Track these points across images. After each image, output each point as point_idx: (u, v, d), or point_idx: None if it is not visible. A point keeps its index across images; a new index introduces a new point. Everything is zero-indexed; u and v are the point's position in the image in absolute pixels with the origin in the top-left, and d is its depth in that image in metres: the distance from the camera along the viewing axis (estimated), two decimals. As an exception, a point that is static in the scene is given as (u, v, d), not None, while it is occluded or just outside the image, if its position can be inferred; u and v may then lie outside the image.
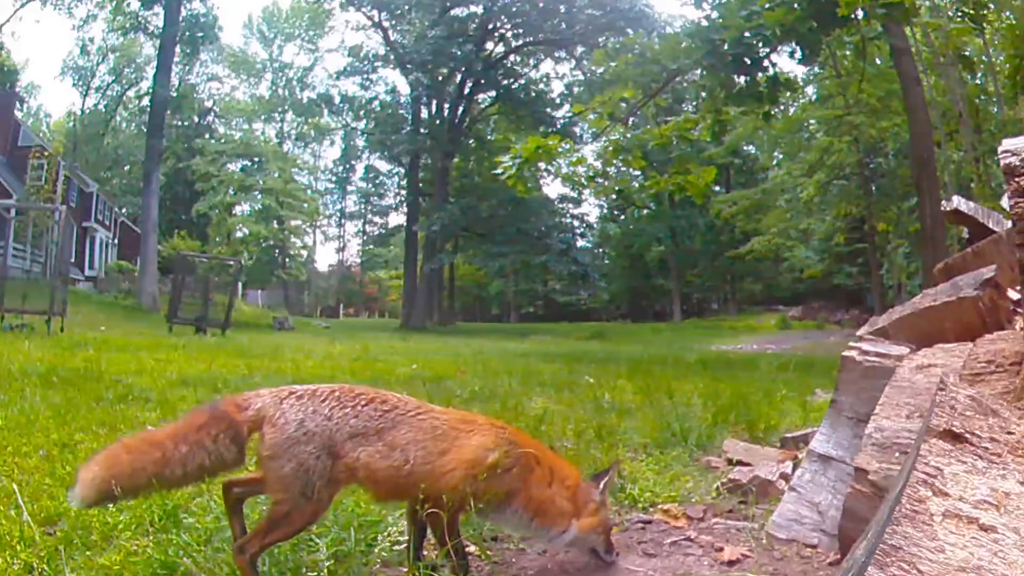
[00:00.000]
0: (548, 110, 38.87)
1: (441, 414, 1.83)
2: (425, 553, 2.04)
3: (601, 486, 1.89)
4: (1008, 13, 16.84)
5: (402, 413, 1.76)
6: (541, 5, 35.54)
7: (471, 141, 39.39)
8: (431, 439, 1.74)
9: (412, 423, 1.74)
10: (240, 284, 27.78)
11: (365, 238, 58.80)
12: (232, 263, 21.26)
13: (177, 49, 30.97)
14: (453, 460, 1.72)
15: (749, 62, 11.10)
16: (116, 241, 37.92)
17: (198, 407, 1.96)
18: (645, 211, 43.92)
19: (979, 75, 19.36)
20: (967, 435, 1.12)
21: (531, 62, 40.57)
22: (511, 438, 1.82)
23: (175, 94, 35.85)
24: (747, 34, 10.52)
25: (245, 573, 1.68)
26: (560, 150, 12.44)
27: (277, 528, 1.68)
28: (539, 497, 1.78)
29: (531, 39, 37.80)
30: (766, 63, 11.36)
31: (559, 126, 34.38)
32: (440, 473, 1.71)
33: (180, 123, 43.88)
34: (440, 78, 36.98)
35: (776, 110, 16.85)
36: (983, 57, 18.80)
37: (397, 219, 50.41)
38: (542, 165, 13.24)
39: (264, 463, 1.68)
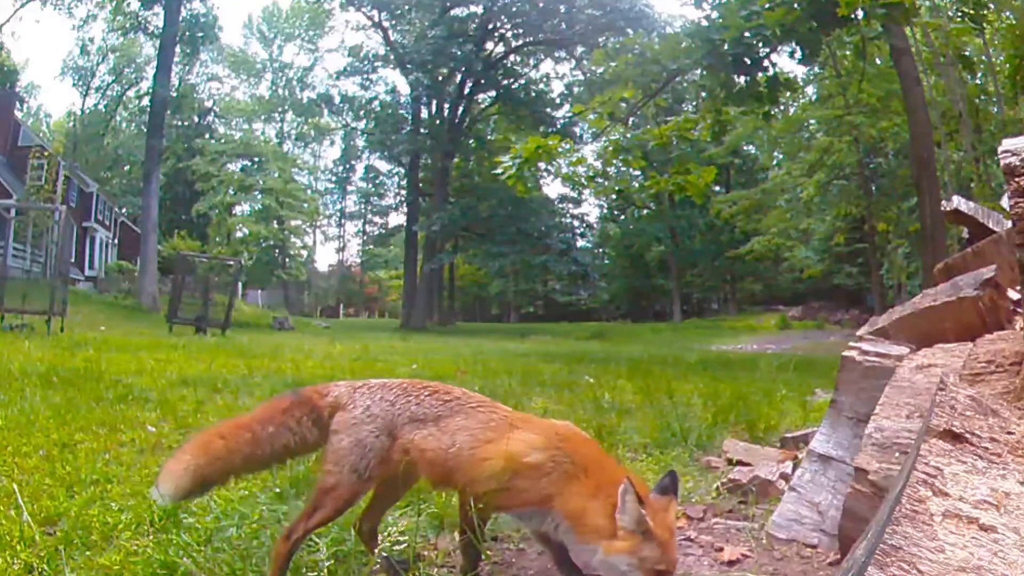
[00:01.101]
0: (548, 110, 38.88)
1: (502, 410, 1.84)
2: (426, 553, 2.04)
3: (649, 502, 1.61)
4: (1008, 13, 16.84)
5: (462, 404, 1.82)
6: (541, 5, 35.54)
7: (471, 141, 39.39)
8: (481, 428, 1.77)
9: (468, 413, 1.80)
10: (240, 284, 27.77)
11: (365, 238, 58.85)
12: (232, 263, 21.24)
13: (177, 49, 30.97)
14: (494, 450, 1.73)
15: (749, 62, 11.10)
16: (116, 241, 37.93)
17: (280, 394, 2.11)
18: (645, 211, 43.95)
19: (979, 75, 19.37)
20: (967, 435, 1.12)
21: (531, 62, 40.61)
22: (565, 443, 1.74)
23: (175, 94, 35.86)
24: (747, 34, 10.52)
25: (278, 561, 1.71)
26: (560, 150, 12.43)
27: (321, 506, 1.73)
28: (577, 508, 1.68)
29: (531, 39, 37.81)
30: (766, 63, 11.36)
31: (559, 126, 34.39)
32: (479, 459, 1.72)
33: (180, 123, 43.89)
34: (440, 78, 36.99)
35: (776, 110, 16.83)
36: (983, 57, 18.81)
37: (397, 219, 50.51)
38: (542, 165, 13.23)
39: (328, 440, 1.79)
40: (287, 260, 46.48)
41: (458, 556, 1.96)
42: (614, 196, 37.97)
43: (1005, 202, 1.88)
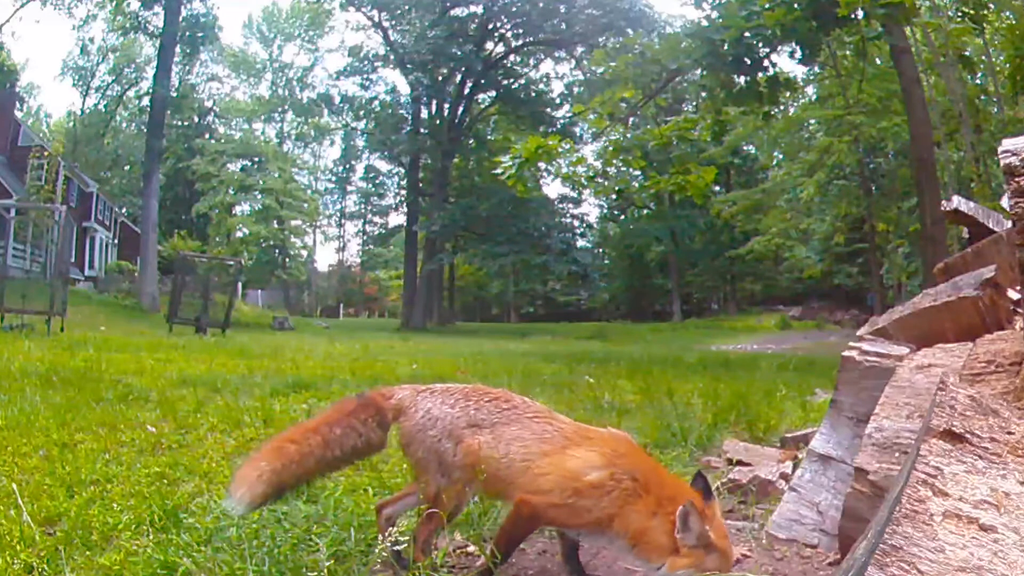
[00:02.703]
0: (548, 110, 38.85)
1: (559, 422, 1.84)
2: (434, 553, 2.04)
3: (705, 515, 1.64)
4: (1008, 13, 16.84)
5: (519, 413, 1.84)
6: (541, 5, 35.52)
7: (471, 141, 39.37)
8: (536, 440, 1.78)
9: (524, 422, 1.82)
10: (240, 284, 27.76)
11: (365, 238, 58.76)
12: (232, 263, 21.24)
13: (177, 49, 30.94)
14: (551, 465, 1.72)
15: (749, 62, 11.08)
16: (116, 241, 37.89)
17: (345, 397, 2.20)
18: (645, 211, 43.89)
19: (979, 75, 19.37)
20: (967, 435, 1.12)
21: (531, 62, 40.57)
22: (624, 461, 1.74)
23: (175, 94, 35.83)
24: (747, 34, 10.50)
25: (419, 551, 1.76)
26: (560, 150, 12.40)
27: (434, 513, 1.77)
28: (638, 527, 1.67)
29: (531, 39, 37.79)
30: (766, 63, 11.33)
31: (559, 126, 34.39)
32: (535, 474, 1.72)
33: (180, 123, 43.86)
34: (440, 78, 36.97)
35: (776, 110, 16.83)
36: (983, 57, 18.80)
37: (397, 219, 50.37)
38: (542, 165, 13.22)
39: (405, 453, 1.86)
40: (287, 260, 46.46)
41: (459, 558, 1.96)
42: (614, 196, 37.81)
43: (1005, 202, 1.88)
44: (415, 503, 1.96)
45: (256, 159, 43.15)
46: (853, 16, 10.15)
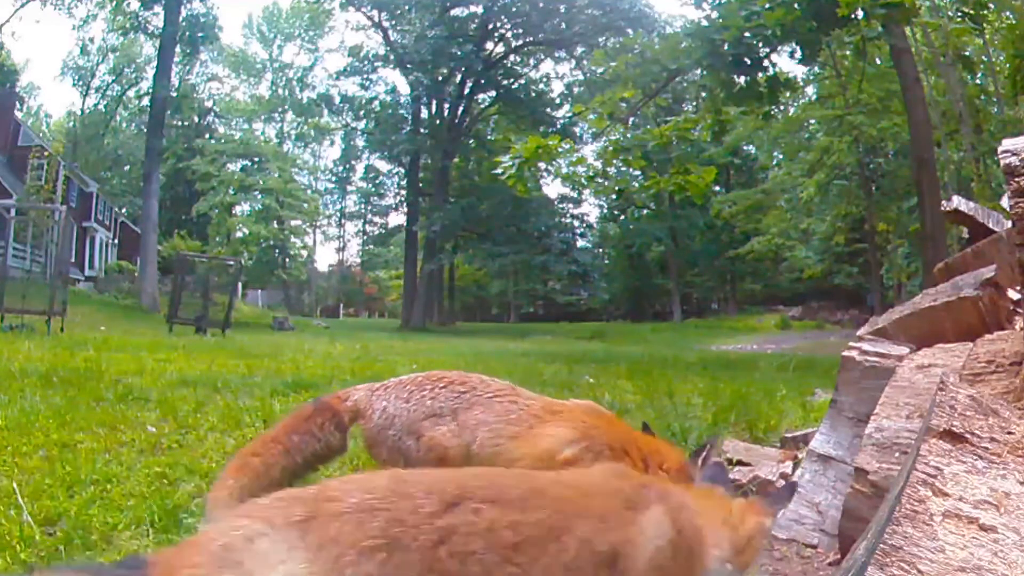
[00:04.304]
0: (548, 110, 38.84)
1: (522, 399, 1.80)
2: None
3: (700, 464, 1.69)
4: (1008, 13, 16.83)
5: (479, 395, 1.79)
6: (541, 5, 35.51)
7: (471, 141, 39.36)
8: (503, 423, 1.74)
9: (486, 404, 1.77)
10: (240, 284, 27.75)
11: (365, 238, 58.70)
12: (232, 263, 21.22)
13: (177, 49, 30.92)
14: (523, 449, 1.69)
15: (749, 62, 11.08)
16: (116, 241, 37.89)
17: (303, 404, 2.16)
18: (645, 211, 43.88)
19: (979, 75, 19.36)
20: (967, 435, 1.12)
21: (531, 62, 40.55)
22: (596, 431, 1.72)
23: (175, 94, 35.77)
24: (747, 34, 10.50)
25: None
26: (560, 150, 12.39)
27: None
28: None
29: (531, 39, 37.77)
30: (766, 63, 11.34)
31: (559, 126, 34.35)
32: (508, 460, 1.69)
33: (180, 123, 43.83)
34: (440, 78, 36.96)
35: (776, 110, 16.83)
36: (983, 57, 18.80)
37: (397, 219, 50.31)
38: (542, 165, 13.21)
39: (371, 456, 1.84)
40: (287, 260, 46.42)
41: None
42: (614, 196, 37.86)
43: (1005, 202, 1.88)
44: None
45: (256, 159, 43.13)
46: (853, 16, 10.15)
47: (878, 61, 19.46)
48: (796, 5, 10.20)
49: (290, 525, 0.81)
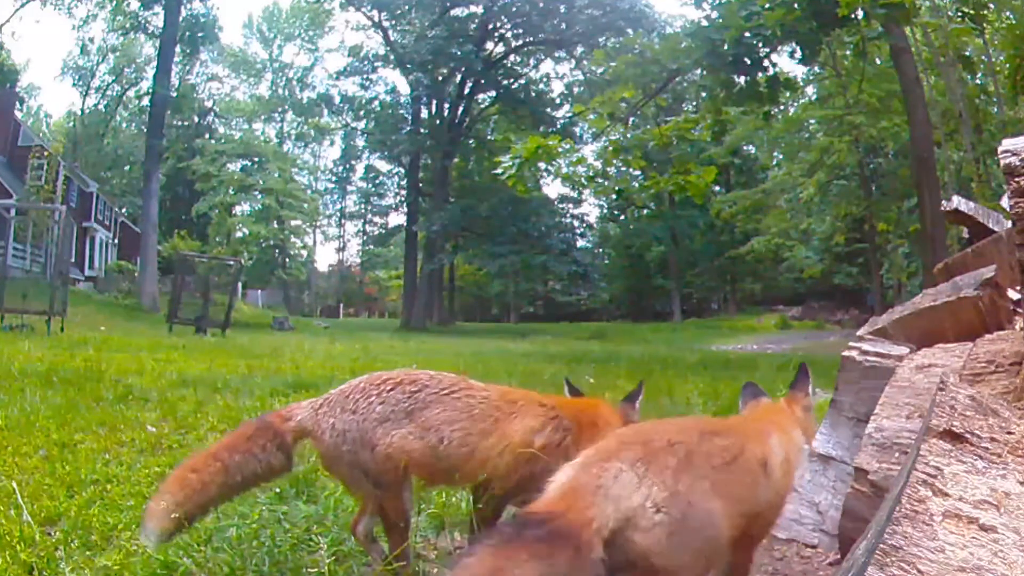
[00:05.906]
0: (548, 110, 38.83)
1: (479, 391, 1.80)
2: (425, 553, 2.04)
3: (636, 405, 1.91)
4: (1008, 13, 16.84)
5: (433, 392, 1.75)
6: (541, 5, 35.51)
7: (471, 141, 39.35)
8: (468, 420, 1.72)
9: (445, 401, 1.74)
10: (240, 284, 27.76)
11: (365, 238, 58.74)
12: (232, 263, 21.23)
13: (177, 49, 30.96)
14: (500, 445, 1.70)
15: (749, 62, 11.07)
16: (116, 241, 37.89)
17: (246, 421, 2.11)
18: (645, 211, 43.90)
19: (979, 75, 19.36)
20: (967, 435, 1.12)
21: (531, 62, 40.54)
22: (555, 411, 1.79)
23: (175, 94, 35.80)
24: (747, 34, 10.49)
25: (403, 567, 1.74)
26: (560, 150, 12.39)
27: (389, 520, 1.74)
28: None
29: (531, 39, 37.77)
30: (766, 63, 11.33)
31: (559, 126, 34.31)
32: (485, 458, 1.69)
33: (180, 123, 43.86)
34: (440, 78, 36.95)
35: (776, 110, 16.84)
36: (983, 57, 18.80)
37: (397, 219, 50.34)
38: (542, 165, 13.20)
39: (331, 475, 1.82)
40: (287, 260, 46.43)
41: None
42: (614, 196, 37.79)
43: (1005, 202, 1.88)
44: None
45: (256, 159, 43.13)
46: (853, 16, 10.15)
47: (878, 61, 19.46)
48: (796, 5, 10.19)
49: (636, 462, 1.27)
